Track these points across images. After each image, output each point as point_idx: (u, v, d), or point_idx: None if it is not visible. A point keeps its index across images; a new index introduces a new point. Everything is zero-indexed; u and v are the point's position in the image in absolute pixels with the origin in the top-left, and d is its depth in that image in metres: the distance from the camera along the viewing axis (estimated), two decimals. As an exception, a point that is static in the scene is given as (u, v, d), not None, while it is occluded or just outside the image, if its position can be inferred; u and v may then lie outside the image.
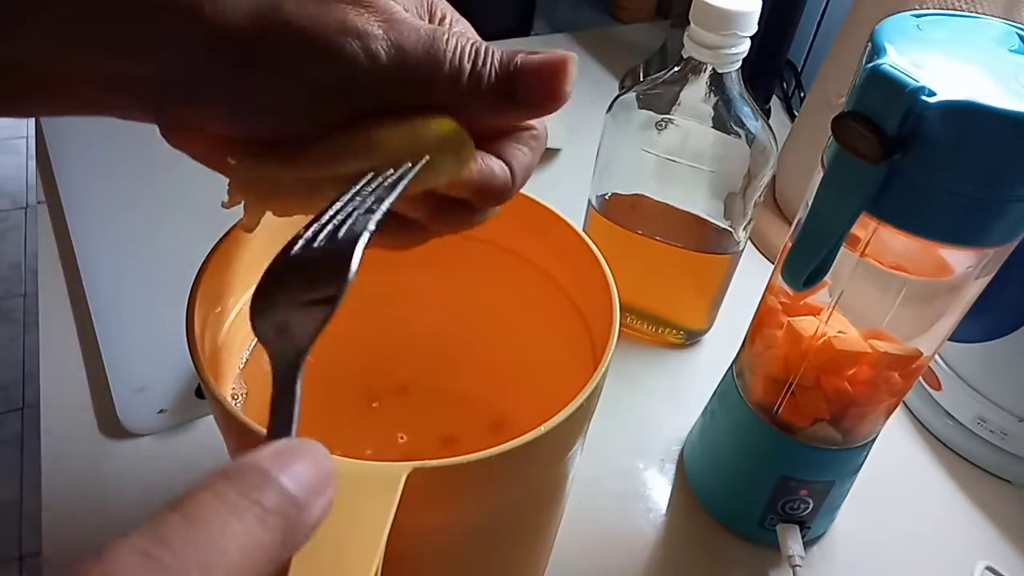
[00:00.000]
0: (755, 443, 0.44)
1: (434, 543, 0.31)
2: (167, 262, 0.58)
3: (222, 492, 0.15)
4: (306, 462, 0.17)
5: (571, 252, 0.37)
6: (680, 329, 0.58)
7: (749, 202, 0.50)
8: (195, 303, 0.31)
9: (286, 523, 0.16)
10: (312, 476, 0.17)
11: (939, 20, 0.33)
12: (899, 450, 0.54)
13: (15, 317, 1.70)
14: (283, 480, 0.16)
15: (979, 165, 0.29)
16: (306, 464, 0.17)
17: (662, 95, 0.50)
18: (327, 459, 0.17)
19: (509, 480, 0.29)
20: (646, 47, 0.90)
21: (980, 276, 0.35)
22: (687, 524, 0.48)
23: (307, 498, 0.16)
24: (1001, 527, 0.50)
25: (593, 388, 0.29)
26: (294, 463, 0.17)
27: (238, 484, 0.15)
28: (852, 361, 0.39)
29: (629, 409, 0.54)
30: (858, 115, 0.29)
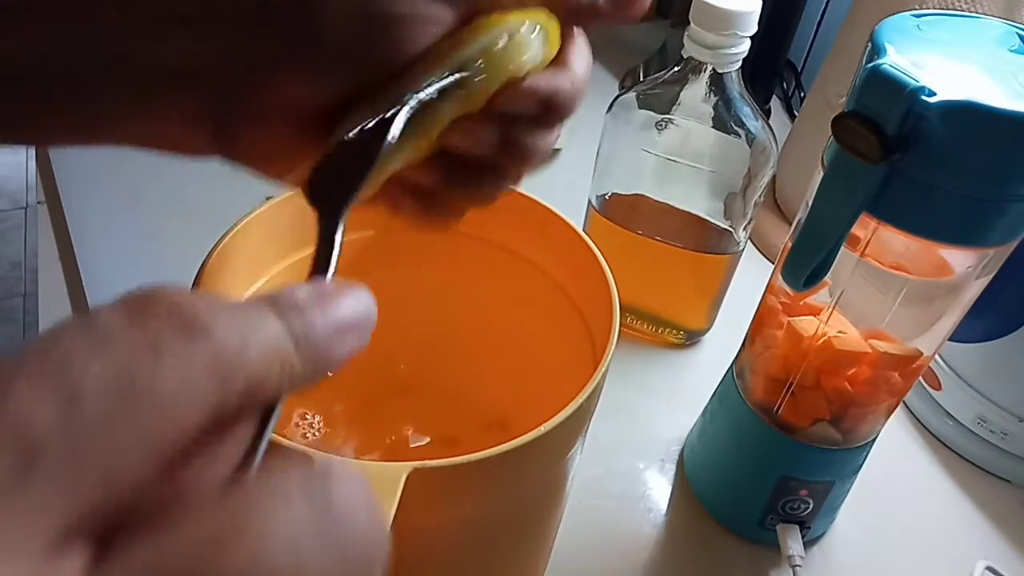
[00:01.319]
0: (755, 443, 0.44)
1: (434, 543, 0.31)
2: (167, 262, 0.58)
3: (253, 305, 0.15)
4: (343, 302, 0.17)
5: (571, 252, 0.37)
6: (680, 329, 0.58)
7: (749, 202, 0.50)
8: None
9: (310, 350, 0.16)
10: (344, 316, 0.17)
11: (939, 20, 0.33)
12: (899, 450, 0.54)
13: (15, 317, 1.70)
14: (316, 314, 0.16)
15: (979, 165, 0.29)
16: (342, 304, 0.17)
17: (662, 95, 0.50)
18: (366, 300, 0.18)
19: (509, 480, 0.29)
20: (646, 47, 0.90)
21: (980, 276, 0.35)
22: (687, 524, 0.48)
23: (335, 333, 0.16)
24: (1001, 527, 0.50)
25: (593, 388, 0.29)
26: (331, 303, 0.17)
27: (274, 305, 0.16)
28: (852, 361, 0.39)
29: (629, 409, 0.54)
30: (858, 115, 0.29)
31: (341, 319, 0.17)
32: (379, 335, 0.28)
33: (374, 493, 0.15)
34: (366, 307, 0.18)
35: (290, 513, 0.13)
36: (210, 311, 0.14)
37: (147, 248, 0.60)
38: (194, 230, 0.42)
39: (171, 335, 0.13)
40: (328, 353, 0.16)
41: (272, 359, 0.15)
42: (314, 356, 0.16)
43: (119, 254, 0.60)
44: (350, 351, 0.17)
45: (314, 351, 0.16)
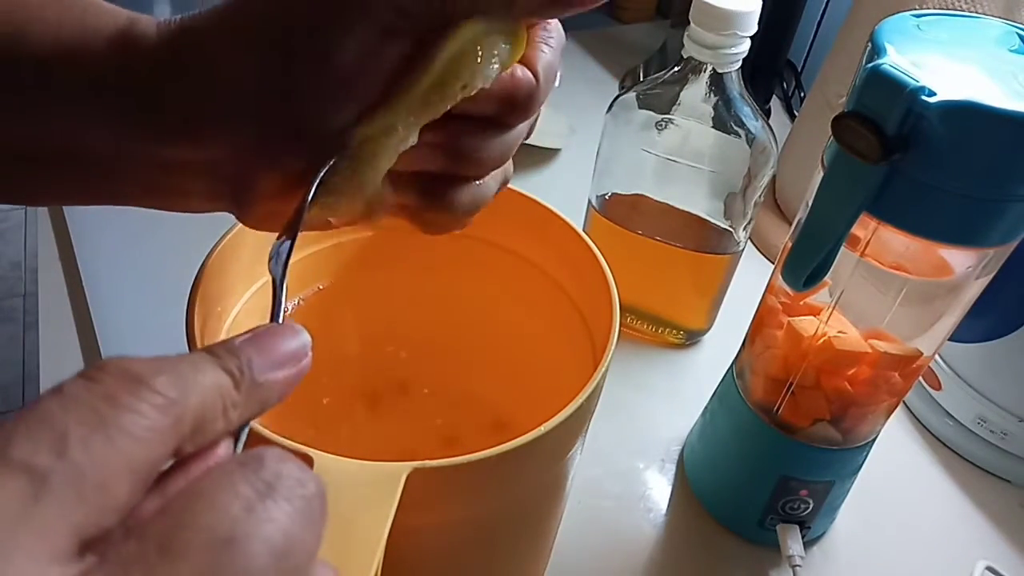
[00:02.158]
0: (755, 443, 0.44)
1: (434, 543, 0.31)
2: (167, 262, 0.58)
3: (190, 356, 0.18)
4: (276, 340, 0.20)
5: (571, 252, 0.37)
6: (680, 329, 0.58)
7: (749, 202, 0.50)
8: (195, 303, 0.31)
9: (249, 384, 0.19)
10: (279, 351, 0.20)
11: (939, 20, 0.33)
12: (899, 450, 0.54)
13: (15, 317, 1.70)
14: (250, 352, 0.19)
15: (979, 165, 0.29)
16: (276, 342, 0.20)
17: (662, 95, 0.50)
18: (298, 335, 0.21)
19: (509, 480, 0.29)
20: (646, 47, 0.90)
21: (980, 276, 0.35)
22: (687, 524, 0.48)
23: (270, 367, 0.19)
24: (1001, 527, 0.50)
25: (593, 388, 0.29)
26: (264, 341, 0.20)
27: (209, 352, 0.19)
28: (852, 361, 0.39)
29: (629, 409, 0.54)
30: (858, 115, 0.29)
31: (275, 353, 0.20)
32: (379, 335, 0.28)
33: (302, 464, 0.18)
34: (299, 341, 0.20)
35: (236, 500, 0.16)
36: (151, 369, 0.17)
37: (147, 248, 0.60)
38: (194, 230, 0.42)
39: (121, 388, 0.16)
40: (269, 387, 0.19)
41: (213, 400, 0.18)
42: (255, 391, 0.19)
43: (119, 254, 0.60)
44: (287, 381, 0.20)
45: (252, 385, 0.19)
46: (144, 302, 0.56)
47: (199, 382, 0.17)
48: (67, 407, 0.15)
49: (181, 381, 0.17)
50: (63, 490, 0.14)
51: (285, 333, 0.20)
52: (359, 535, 0.23)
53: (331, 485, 0.24)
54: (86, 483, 0.15)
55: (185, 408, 0.17)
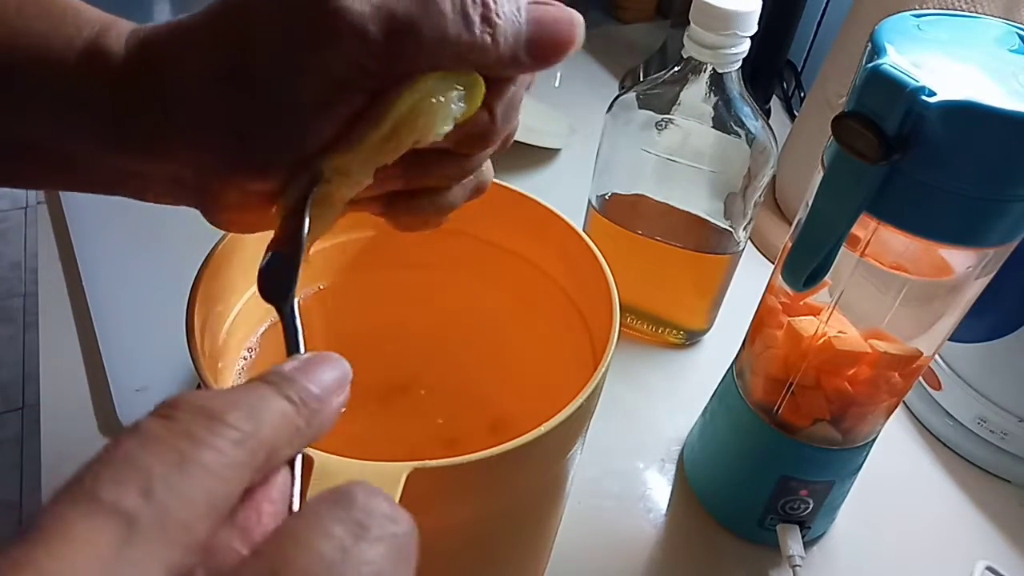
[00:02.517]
0: (755, 443, 0.44)
1: (434, 543, 0.31)
2: (167, 262, 0.58)
3: (253, 387, 0.19)
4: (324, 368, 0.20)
5: (571, 252, 0.37)
6: (680, 329, 0.58)
7: (749, 202, 0.50)
8: (195, 303, 0.31)
9: (309, 411, 0.19)
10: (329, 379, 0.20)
11: (939, 20, 0.33)
12: (899, 450, 0.54)
13: (15, 317, 1.70)
14: (305, 382, 0.19)
15: (979, 165, 0.29)
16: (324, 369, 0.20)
17: (662, 95, 0.50)
18: (341, 363, 0.21)
19: (509, 480, 0.29)
20: (646, 47, 0.90)
21: (980, 276, 0.35)
22: (687, 524, 0.48)
23: (326, 395, 0.20)
24: (1001, 527, 0.50)
25: (593, 388, 0.29)
26: (314, 369, 0.20)
27: (267, 382, 0.19)
28: (852, 361, 0.39)
29: (629, 409, 0.54)
30: (858, 115, 0.29)
31: (327, 382, 0.20)
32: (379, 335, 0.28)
33: (390, 498, 0.18)
34: (343, 369, 0.21)
35: (330, 542, 0.16)
36: (224, 404, 0.17)
37: (147, 248, 0.60)
38: (194, 230, 0.42)
39: (198, 426, 0.16)
40: (324, 412, 0.20)
41: (282, 429, 0.18)
42: (314, 417, 0.19)
43: (119, 254, 0.60)
44: (340, 408, 0.20)
45: (313, 413, 0.19)
46: (144, 302, 0.56)
47: (269, 412, 0.18)
48: (148, 447, 0.16)
49: (254, 414, 0.17)
50: (152, 531, 0.15)
51: (331, 362, 0.21)
52: (359, 535, 0.23)
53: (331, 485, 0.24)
54: (173, 523, 0.15)
55: (260, 441, 0.17)
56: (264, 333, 0.38)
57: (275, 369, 0.20)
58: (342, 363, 0.21)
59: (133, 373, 0.51)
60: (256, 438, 0.17)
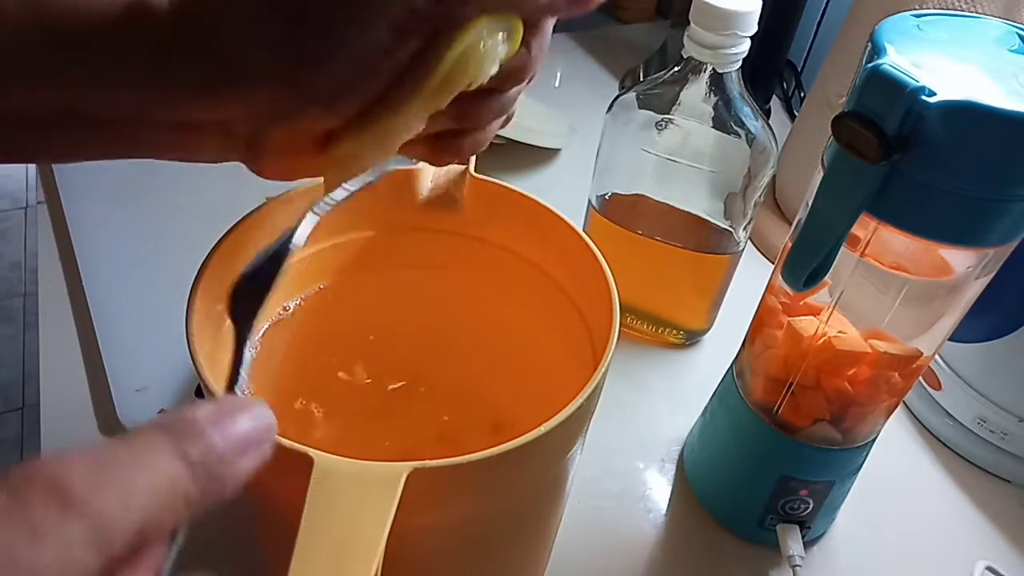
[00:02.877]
0: (755, 443, 0.44)
1: (434, 543, 0.31)
2: (167, 262, 0.58)
3: (146, 440, 0.16)
4: (242, 419, 0.18)
5: (571, 252, 0.37)
6: (680, 329, 0.58)
7: (749, 202, 0.50)
8: (195, 303, 0.31)
9: (206, 476, 0.17)
10: (243, 434, 0.18)
11: (939, 20, 0.33)
12: (899, 450, 0.54)
13: (15, 317, 1.70)
14: (214, 436, 0.17)
15: (979, 165, 0.29)
16: (241, 420, 0.18)
17: (662, 95, 0.50)
18: (265, 415, 0.19)
19: (509, 480, 0.29)
20: (646, 47, 0.90)
21: (980, 276, 0.35)
22: (687, 524, 0.48)
23: (233, 454, 0.17)
24: (1001, 527, 0.50)
25: (593, 388, 0.29)
26: (229, 420, 0.18)
27: (170, 433, 0.17)
28: (852, 361, 0.39)
29: (629, 409, 0.54)
30: (858, 115, 0.29)
31: (239, 435, 0.18)
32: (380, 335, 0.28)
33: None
34: (264, 422, 0.19)
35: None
36: (89, 477, 0.15)
37: (147, 248, 0.60)
38: (194, 230, 0.42)
39: (47, 513, 0.14)
40: (226, 477, 0.17)
41: (165, 500, 0.16)
42: (212, 483, 0.17)
43: (119, 254, 0.60)
44: (247, 471, 0.18)
45: (210, 478, 0.17)
46: (144, 302, 0.56)
47: (152, 479, 0.16)
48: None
49: (128, 487, 0.15)
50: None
51: (251, 411, 0.19)
52: (359, 535, 0.23)
53: (331, 485, 0.24)
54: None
55: (124, 528, 0.15)
56: (265, 333, 0.38)
57: (184, 415, 0.17)
58: (265, 415, 0.19)
59: (133, 373, 0.51)
60: (119, 528, 0.15)
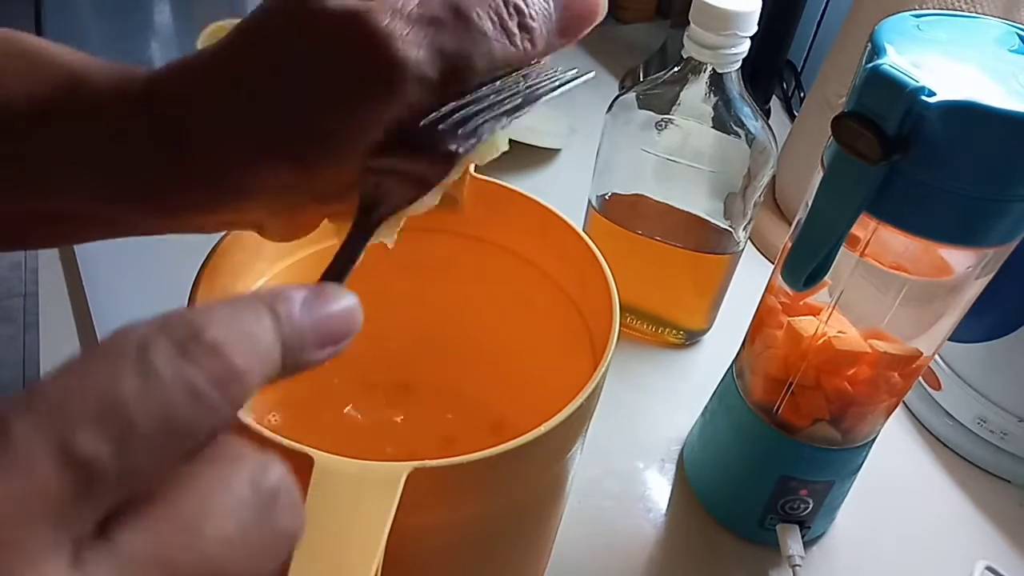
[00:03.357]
0: (755, 443, 0.44)
1: (434, 543, 0.31)
2: (167, 262, 0.58)
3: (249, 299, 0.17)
4: (332, 313, 0.19)
5: (571, 252, 0.37)
6: (680, 329, 0.58)
7: (749, 202, 0.50)
8: (195, 303, 0.31)
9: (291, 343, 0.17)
10: (330, 328, 0.19)
11: (939, 20, 0.33)
12: (899, 450, 0.54)
13: (15, 317, 1.70)
14: (304, 321, 0.18)
15: (979, 165, 0.29)
16: (331, 315, 0.19)
17: (662, 95, 0.50)
18: (354, 318, 0.20)
19: (509, 480, 0.29)
20: (646, 47, 0.90)
21: (980, 276, 0.35)
22: (687, 524, 0.48)
23: (317, 340, 0.18)
24: (1001, 527, 0.50)
25: (593, 388, 0.29)
26: (323, 308, 0.19)
27: (268, 300, 0.17)
28: (852, 361, 0.39)
29: (629, 409, 0.54)
30: (858, 115, 0.29)
31: (327, 329, 0.19)
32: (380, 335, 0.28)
33: (296, 486, 0.17)
34: (354, 318, 0.20)
35: (231, 498, 0.16)
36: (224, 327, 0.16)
37: (147, 248, 0.60)
38: (194, 230, 0.42)
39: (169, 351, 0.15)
40: (307, 359, 0.18)
41: (257, 361, 0.16)
42: (295, 360, 0.18)
43: (119, 254, 0.60)
44: (326, 359, 0.19)
45: (296, 355, 0.18)
46: (144, 302, 0.56)
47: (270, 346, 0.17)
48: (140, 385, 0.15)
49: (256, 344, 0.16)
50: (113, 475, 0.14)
51: (347, 305, 0.20)
52: (359, 535, 0.23)
53: (331, 485, 0.24)
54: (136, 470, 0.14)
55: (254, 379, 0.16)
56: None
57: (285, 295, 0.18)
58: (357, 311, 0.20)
59: (133, 373, 0.51)
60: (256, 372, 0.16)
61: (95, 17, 0.95)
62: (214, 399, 0.15)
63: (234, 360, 0.16)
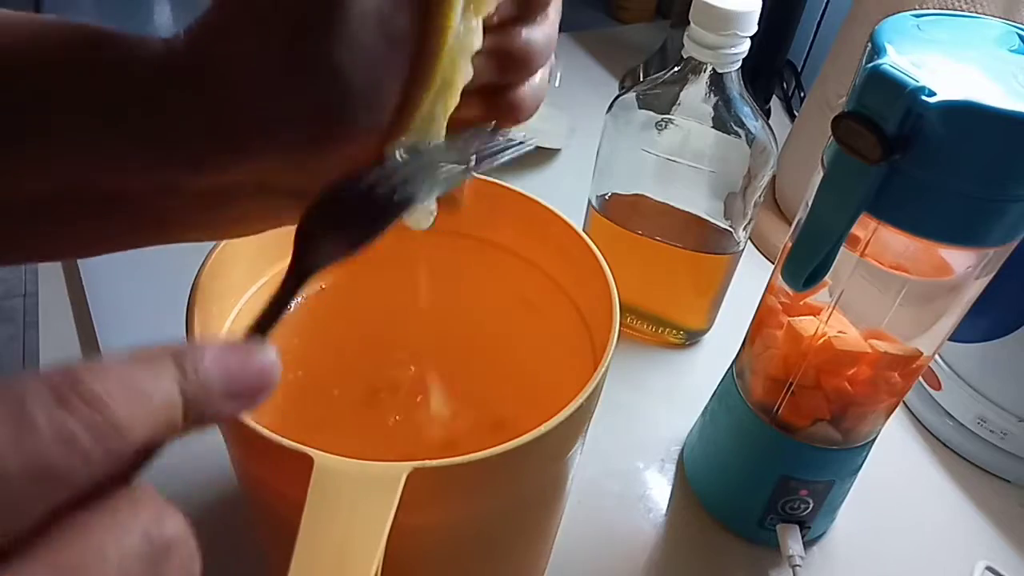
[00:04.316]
0: (755, 443, 0.44)
1: (434, 543, 0.31)
2: (167, 261, 0.58)
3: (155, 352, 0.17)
4: (244, 362, 0.18)
5: (571, 252, 0.37)
6: (680, 329, 0.58)
7: (749, 202, 0.50)
8: (195, 303, 0.31)
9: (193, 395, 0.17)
10: (242, 378, 0.18)
11: (939, 20, 0.33)
12: (899, 450, 0.54)
13: (15, 317, 1.70)
14: (212, 371, 0.18)
15: (979, 165, 0.29)
16: (242, 364, 0.18)
17: (662, 95, 0.50)
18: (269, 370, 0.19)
19: (509, 480, 0.29)
20: (646, 47, 0.90)
21: (980, 276, 0.35)
22: (687, 524, 0.48)
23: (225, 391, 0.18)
24: (1001, 527, 0.50)
25: (593, 388, 0.29)
26: (234, 358, 0.18)
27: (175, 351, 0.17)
28: (852, 361, 0.39)
29: (629, 409, 0.54)
30: (858, 115, 0.29)
31: (238, 384, 0.18)
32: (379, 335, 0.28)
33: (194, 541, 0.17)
34: (270, 373, 0.19)
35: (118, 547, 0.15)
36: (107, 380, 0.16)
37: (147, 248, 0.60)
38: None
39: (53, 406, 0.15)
40: (214, 413, 0.18)
41: (143, 414, 0.16)
42: (199, 413, 0.17)
43: (119, 254, 0.60)
44: (237, 412, 0.18)
45: (200, 409, 0.17)
46: (144, 302, 0.56)
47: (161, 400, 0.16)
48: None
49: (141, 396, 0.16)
50: None
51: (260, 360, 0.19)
52: (359, 535, 0.23)
53: (331, 485, 0.24)
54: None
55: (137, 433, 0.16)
56: (264, 333, 0.38)
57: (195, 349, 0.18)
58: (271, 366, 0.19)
59: (133, 373, 0.51)
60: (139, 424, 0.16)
61: (95, 17, 0.95)
62: (89, 447, 0.15)
63: (116, 413, 0.15)
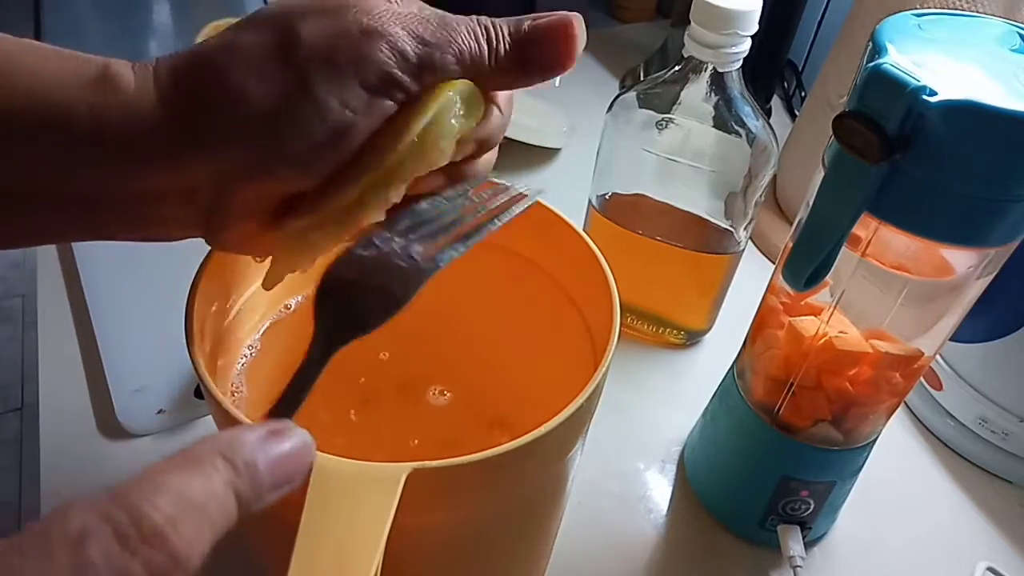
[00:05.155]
0: (756, 443, 0.44)
1: (434, 543, 0.31)
2: (167, 261, 0.58)
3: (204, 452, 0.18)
4: (287, 453, 0.20)
5: (571, 252, 0.37)
6: (680, 329, 0.58)
7: (750, 202, 0.50)
8: (194, 303, 0.31)
9: (246, 494, 0.19)
10: (286, 468, 0.20)
11: (940, 19, 0.33)
12: (900, 451, 0.54)
13: (15, 317, 1.70)
14: (260, 464, 0.19)
15: (980, 165, 0.29)
16: (286, 455, 0.20)
17: (662, 95, 0.49)
18: (308, 454, 0.21)
19: (509, 480, 0.29)
20: (646, 47, 0.90)
21: (981, 276, 0.35)
22: (687, 525, 0.48)
23: (273, 482, 0.20)
24: (1002, 527, 0.50)
25: (593, 388, 0.29)
26: (277, 449, 0.20)
27: (223, 448, 0.19)
28: (853, 361, 0.39)
29: (629, 409, 0.54)
30: (859, 115, 0.29)
31: (283, 471, 0.20)
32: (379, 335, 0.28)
33: None
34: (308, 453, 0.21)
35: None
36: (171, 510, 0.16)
37: (146, 247, 0.60)
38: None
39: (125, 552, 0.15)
40: (262, 504, 0.19)
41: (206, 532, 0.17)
42: (249, 509, 0.19)
43: (118, 254, 0.60)
44: (278, 498, 0.20)
45: (251, 504, 0.19)
46: (143, 302, 0.56)
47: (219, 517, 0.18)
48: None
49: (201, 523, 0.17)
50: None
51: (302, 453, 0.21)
52: (359, 535, 0.23)
53: (331, 485, 0.24)
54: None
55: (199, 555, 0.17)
56: (265, 331, 0.38)
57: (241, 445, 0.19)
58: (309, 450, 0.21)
59: (132, 373, 0.51)
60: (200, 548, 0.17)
61: (95, 17, 0.94)
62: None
63: (177, 546, 0.16)
